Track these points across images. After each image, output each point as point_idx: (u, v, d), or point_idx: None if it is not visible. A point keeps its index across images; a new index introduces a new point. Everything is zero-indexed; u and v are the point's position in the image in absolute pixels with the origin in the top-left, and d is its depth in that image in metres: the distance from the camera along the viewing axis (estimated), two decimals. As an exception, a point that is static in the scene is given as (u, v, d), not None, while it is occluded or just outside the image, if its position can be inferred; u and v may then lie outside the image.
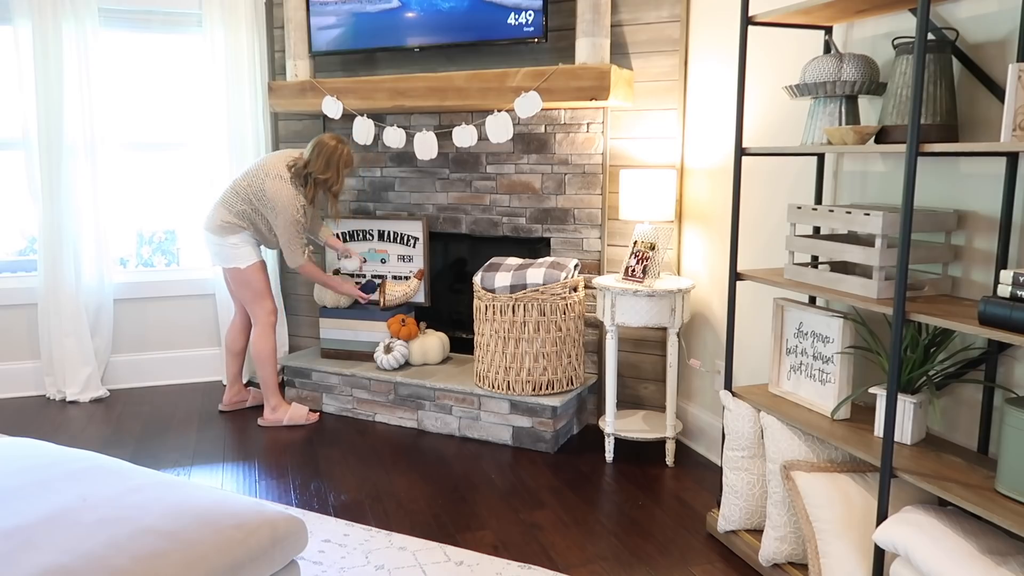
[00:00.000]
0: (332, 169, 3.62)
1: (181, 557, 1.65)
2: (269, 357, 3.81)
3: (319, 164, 3.61)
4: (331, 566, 2.51)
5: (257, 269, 3.76)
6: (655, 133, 3.55)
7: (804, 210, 2.37)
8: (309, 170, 3.63)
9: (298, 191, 3.62)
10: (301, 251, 3.69)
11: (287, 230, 3.63)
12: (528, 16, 3.50)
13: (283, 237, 3.65)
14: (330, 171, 3.62)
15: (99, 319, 4.34)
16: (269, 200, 3.61)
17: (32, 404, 4.21)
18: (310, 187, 3.64)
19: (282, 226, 3.62)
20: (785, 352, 2.59)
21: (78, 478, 1.94)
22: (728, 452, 2.61)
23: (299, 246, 3.68)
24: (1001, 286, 1.76)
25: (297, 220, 3.62)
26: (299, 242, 3.67)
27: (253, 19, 4.35)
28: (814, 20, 2.44)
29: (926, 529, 1.90)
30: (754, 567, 2.51)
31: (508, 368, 3.49)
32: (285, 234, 3.64)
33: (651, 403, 3.72)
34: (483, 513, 2.91)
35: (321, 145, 3.62)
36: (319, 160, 3.61)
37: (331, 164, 3.62)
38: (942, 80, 2.03)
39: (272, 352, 3.82)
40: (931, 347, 2.13)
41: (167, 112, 4.56)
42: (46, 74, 4.06)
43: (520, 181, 3.90)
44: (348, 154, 3.67)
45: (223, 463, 3.39)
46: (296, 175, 3.63)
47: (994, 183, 2.05)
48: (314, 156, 3.61)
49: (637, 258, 3.24)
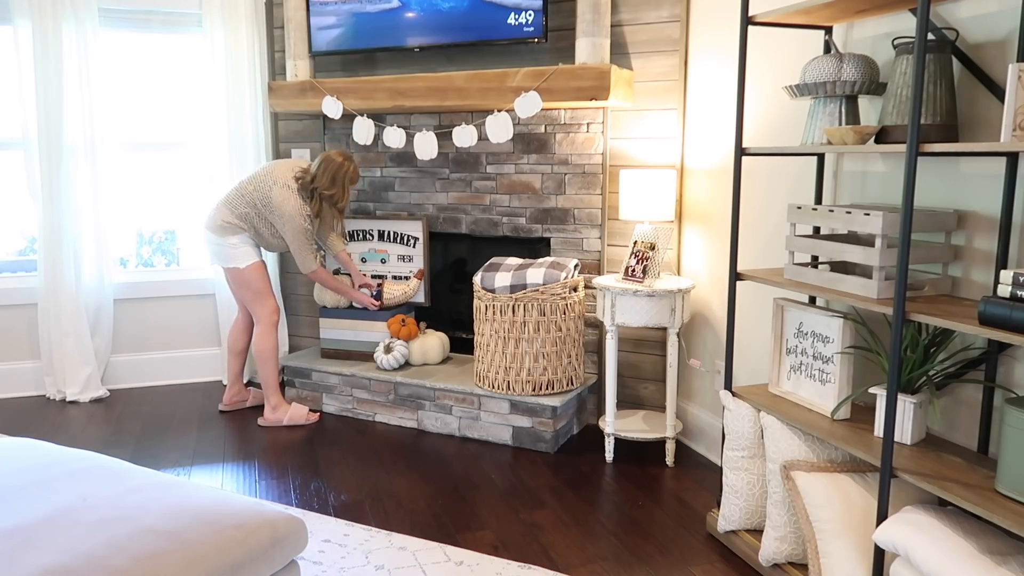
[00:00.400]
0: (338, 186, 3.67)
1: (181, 557, 1.65)
2: (271, 356, 3.81)
3: (325, 180, 3.65)
4: (331, 566, 2.51)
5: (256, 269, 3.76)
6: (655, 133, 3.55)
7: (804, 210, 2.37)
8: (315, 185, 3.66)
9: (304, 202, 3.65)
10: (312, 257, 3.72)
11: (296, 238, 3.66)
12: (528, 16, 3.50)
13: (293, 244, 3.68)
14: (336, 187, 3.66)
15: (99, 319, 4.34)
16: (276, 208, 3.63)
17: (32, 404, 4.21)
18: (315, 201, 3.69)
19: (291, 234, 3.65)
20: (785, 352, 2.59)
21: (78, 478, 1.94)
22: (728, 452, 2.61)
23: (310, 252, 3.71)
24: (1001, 286, 1.76)
25: (304, 228, 3.65)
26: (309, 248, 3.70)
27: (253, 19, 4.35)
28: (814, 20, 2.44)
29: (926, 529, 1.90)
30: (754, 567, 2.51)
31: (508, 368, 3.49)
32: (295, 242, 3.67)
33: (651, 403, 3.72)
34: (483, 513, 2.91)
35: (328, 161, 3.66)
36: (325, 176, 3.65)
37: (337, 181, 3.66)
38: (942, 80, 2.03)
39: (274, 351, 3.82)
40: (931, 347, 2.13)
41: (167, 112, 4.56)
42: (46, 74, 4.06)
43: (520, 181, 3.90)
44: (354, 171, 3.71)
45: (223, 463, 3.39)
46: (303, 187, 3.66)
47: (994, 183, 2.05)
48: (320, 171, 3.65)
49: (637, 258, 3.24)
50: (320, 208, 3.71)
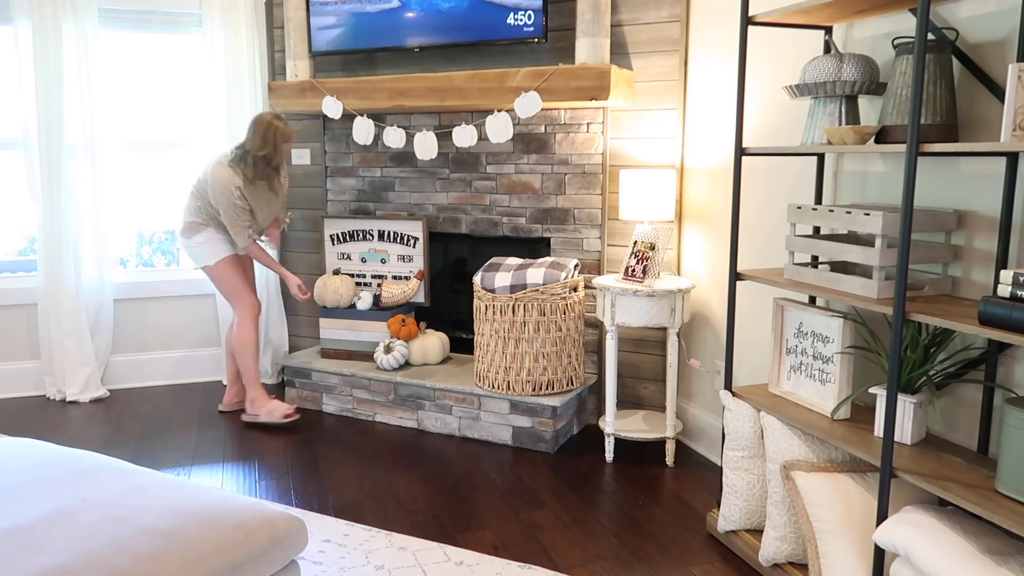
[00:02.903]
0: (269, 144, 3.61)
1: (181, 557, 1.65)
2: (248, 350, 3.81)
3: (256, 141, 3.61)
4: (331, 566, 2.51)
5: (226, 265, 3.76)
6: (655, 133, 3.55)
7: (804, 210, 2.37)
8: (247, 148, 3.63)
9: (236, 173, 3.61)
10: (245, 234, 3.68)
11: (227, 213, 3.64)
12: (528, 16, 3.50)
13: (226, 220, 3.66)
14: (267, 147, 3.61)
15: (99, 319, 4.34)
16: (211, 187, 3.64)
17: (32, 404, 4.21)
18: (251, 166, 3.63)
19: (223, 210, 3.64)
20: (785, 352, 2.59)
21: (78, 478, 1.94)
22: (728, 452, 2.61)
23: (242, 228, 3.67)
24: (1001, 286, 1.76)
25: (233, 203, 3.61)
26: (241, 224, 3.66)
27: (253, 19, 4.35)
28: (814, 20, 2.45)
29: (926, 529, 1.90)
30: (754, 567, 2.51)
31: (508, 368, 3.49)
32: (227, 217, 3.65)
33: (651, 403, 3.72)
34: (483, 513, 2.91)
35: (257, 123, 3.63)
36: (256, 138, 3.61)
37: (267, 140, 3.61)
38: (942, 80, 2.03)
39: (252, 345, 3.82)
40: (931, 347, 2.13)
41: (167, 112, 4.56)
42: (46, 74, 4.06)
43: (520, 181, 3.90)
44: (284, 128, 3.64)
45: (223, 463, 3.39)
46: (238, 159, 3.63)
47: (994, 183, 2.05)
48: (251, 134, 3.63)
49: (637, 258, 3.24)
50: (257, 172, 3.65)
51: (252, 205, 3.69)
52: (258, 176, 3.67)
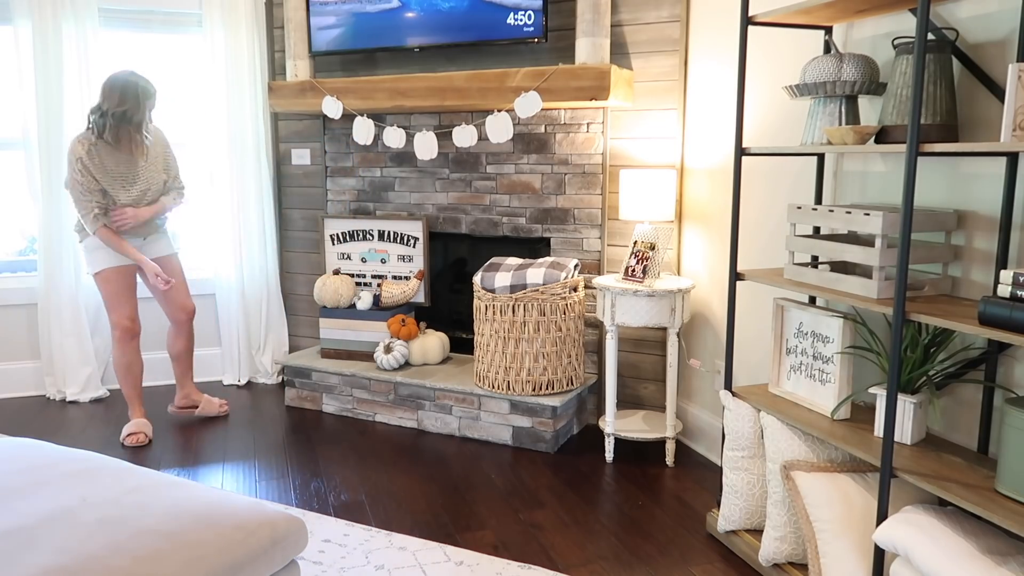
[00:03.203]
0: (130, 99, 3.29)
1: (181, 557, 1.65)
2: (118, 372, 3.60)
3: (114, 98, 3.28)
4: (331, 566, 2.51)
5: (106, 277, 3.49)
6: (655, 133, 3.55)
7: (804, 210, 2.37)
8: (104, 109, 3.30)
9: (81, 143, 3.30)
10: (91, 216, 3.35)
11: (72, 193, 3.34)
12: (528, 16, 3.50)
13: (73, 202, 3.38)
14: (128, 102, 3.29)
15: (99, 319, 4.34)
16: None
17: (32, 404, 4.21)
18: (109, 129, 3.30)
19: (69, 190, 3.36)
20: (785, 352, 2.59)
21: (78, 478, 1.94)
22: (728, 452, 2.61)
23: (87, 211, 3.35)
24: (1001, 286, 1.76)
25: (76, 180, 3.30)
26: (86, 205, 3.34)
27: (253, 19, 4.35)
28: (814, 20, 2.45)
29: (926, 529, 1.90)
30: (754, 567, 2.51)
31: (508, 368, 3.49)
32: (73, 198, 3.36)
33: (651, 403, 3.72)
34: (483, 513, 2.91)
35: (111, 80, 3.30)
36: (113, 94, 3.28)
37: (128, 95, 3.28)
38: (942, 80, 2.03)
39: (123, 367, 3.58)
40: (931, 347, 2.13)
41: (167, 112, 4.56)
42: (46, 74, 4.06)
43: (520, 181, 3.90)
44: (146, 83, 3.35)
45: (223, 463, 3.39)
46: (94, 124, 3.32)
47: (994, 183, 2.05)
48: (106, 91, 3.29)
49: (637, 258, 3.24)
50: (116, 134, 3.31)
51: (101, 180, 3.34)
52: (117, 138, 3.32)
